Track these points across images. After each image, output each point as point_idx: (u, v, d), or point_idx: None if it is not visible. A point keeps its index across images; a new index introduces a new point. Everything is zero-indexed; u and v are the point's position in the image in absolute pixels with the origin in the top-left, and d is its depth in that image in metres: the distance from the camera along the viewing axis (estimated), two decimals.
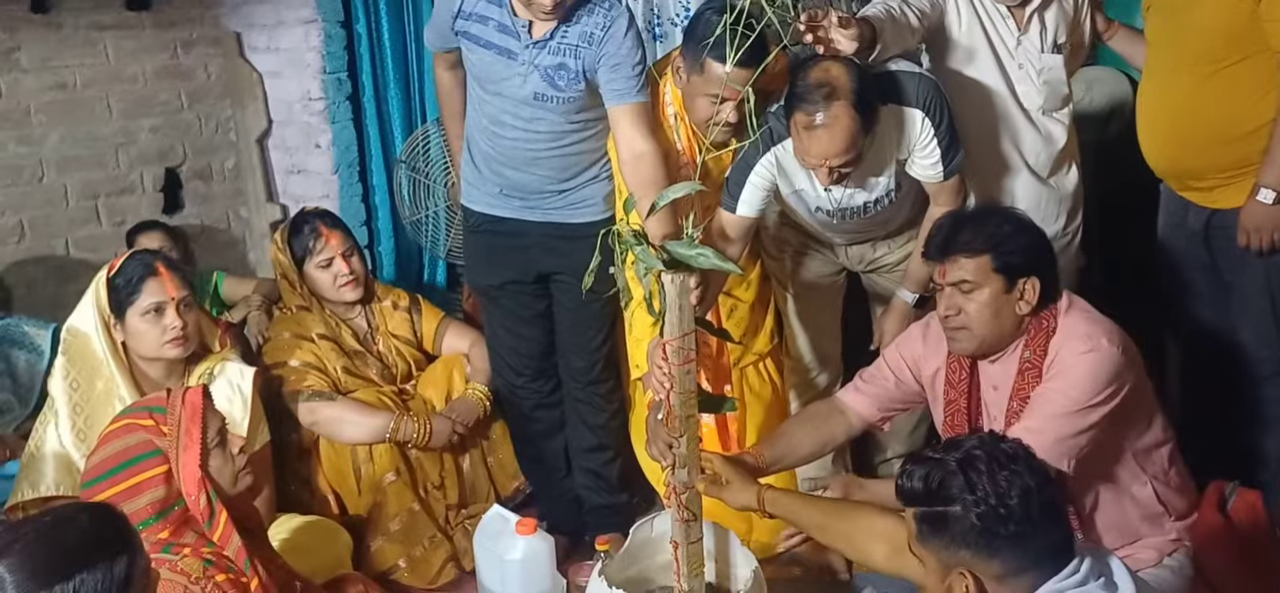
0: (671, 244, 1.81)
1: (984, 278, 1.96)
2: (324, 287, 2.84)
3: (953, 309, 2.00)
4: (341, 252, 2.83)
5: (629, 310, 2.54)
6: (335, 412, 2.71)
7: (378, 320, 2.93)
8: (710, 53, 2.29)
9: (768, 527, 2.80)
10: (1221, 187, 2.49)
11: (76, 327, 2.45)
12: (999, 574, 1.45)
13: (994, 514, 1.43)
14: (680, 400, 1.90)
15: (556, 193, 2.66)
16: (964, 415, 2.10)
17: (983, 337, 2.00)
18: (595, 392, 2.84)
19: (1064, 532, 1.49)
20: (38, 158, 3.58)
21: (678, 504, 2.04)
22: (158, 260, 2.48)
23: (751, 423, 2.74)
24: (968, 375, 2.09)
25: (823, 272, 2.68)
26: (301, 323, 2.83)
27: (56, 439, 2.41)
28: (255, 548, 2.02)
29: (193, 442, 1.92)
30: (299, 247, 2.83)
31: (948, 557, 1.48)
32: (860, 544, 1.87)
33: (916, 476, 1.50)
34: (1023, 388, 1.99)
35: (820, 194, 2.39)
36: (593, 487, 2.91)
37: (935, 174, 2.34)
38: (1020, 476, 1.44)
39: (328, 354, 2.80)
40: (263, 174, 3.93)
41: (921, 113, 2.29)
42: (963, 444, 1.50)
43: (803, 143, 2.21)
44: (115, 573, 1.39)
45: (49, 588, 1.34)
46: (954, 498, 1.45)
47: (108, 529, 1.45)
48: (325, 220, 2.86)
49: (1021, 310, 1.98)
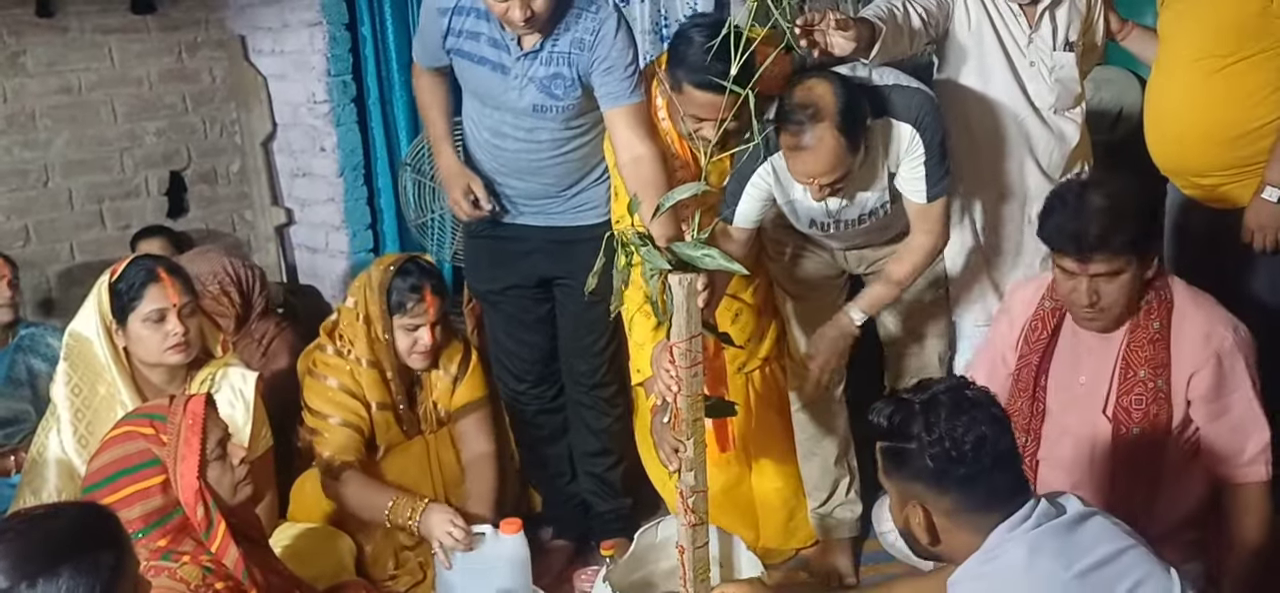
0: (678, 245, 1.79)
1: (1127, 265, 2.02)
2: (399, 343, 2.65)
3: (1093, 296, 2.04)
4: (431, 322, 2.63)
5: (627, 315, 2.52)
6: (345, 489, 2.60)
7: (427, 384, 2.77)
8: (688, 78, 2.27)
9: (775, 532, 2.79)
10: (1227, 184, 2.47)
11: (79, 331, 2.44)
12: (949, 510, 1.56)
13: (946, 456, 1.52)
14: (687, 403, 1.88)
15: (560, 197, 2.65)
16: (1032, 371, 2.18)
17: (1121, 316, 2.07)
18: (598, 396, 2.82)
19: (1016, 479, 1.57)
20: (43, 162, 3.59)
21: (685, 508, 2.02)
22: (160, 266, 2.46)
23: (757, 427, 2.72)
24: (1050, 334, 2.16)
25: (823, 273, 2.66)
26: (349, 364, 2.64)
27: (58, 445, 2.40)
28: (256, 555, 2.00)
29: (191, 452, 1.90)
30: (396, 298, 2.61)
31: (905, 489, 1.60)
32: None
33: (884, 413, 1.60)
34: (1137, 350, 2.06)
35: (814, 206, 2.37)
36: (597, 492, 2.89)
37: (918, 194, 2.31)
38: (978, 422, 1.53)
39: (370, 386, 2.64)
40: (268, 177, 3.93)
41: (912, 128, 2.27)
42: (931, 387, 1.59)
43: (789, 162, 2.21)
44: (102, 569, 1.38)
45: (33, 582, 1.33)
46: (913, 437, 1.55)
47: (96, 526, 1.44)
48: (432, 284, 2.64)
49: (1148, 277, 2.07)
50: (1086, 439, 2.13)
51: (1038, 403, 2.19)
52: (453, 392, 2.76)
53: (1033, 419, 2.20)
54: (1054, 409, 2.19)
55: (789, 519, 2.79)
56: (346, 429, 2.62)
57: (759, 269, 2.68)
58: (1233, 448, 2.06)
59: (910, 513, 1.59)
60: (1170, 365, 2.05)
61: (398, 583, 2.59)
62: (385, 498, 2.56)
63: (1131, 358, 2.07)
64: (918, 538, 1.61)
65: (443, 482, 2.72)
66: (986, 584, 1.51)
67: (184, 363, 2.45)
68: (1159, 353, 2.05)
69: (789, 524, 2.80)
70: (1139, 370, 2.06)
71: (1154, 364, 2.05)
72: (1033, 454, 2.21)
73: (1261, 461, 2.06)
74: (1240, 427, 2.06)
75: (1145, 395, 2.06)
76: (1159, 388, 2.05)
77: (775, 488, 2.77)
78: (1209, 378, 2.04)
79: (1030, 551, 1.50)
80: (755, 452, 2.75)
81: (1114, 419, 2.09)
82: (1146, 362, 2.06)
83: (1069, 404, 2.16)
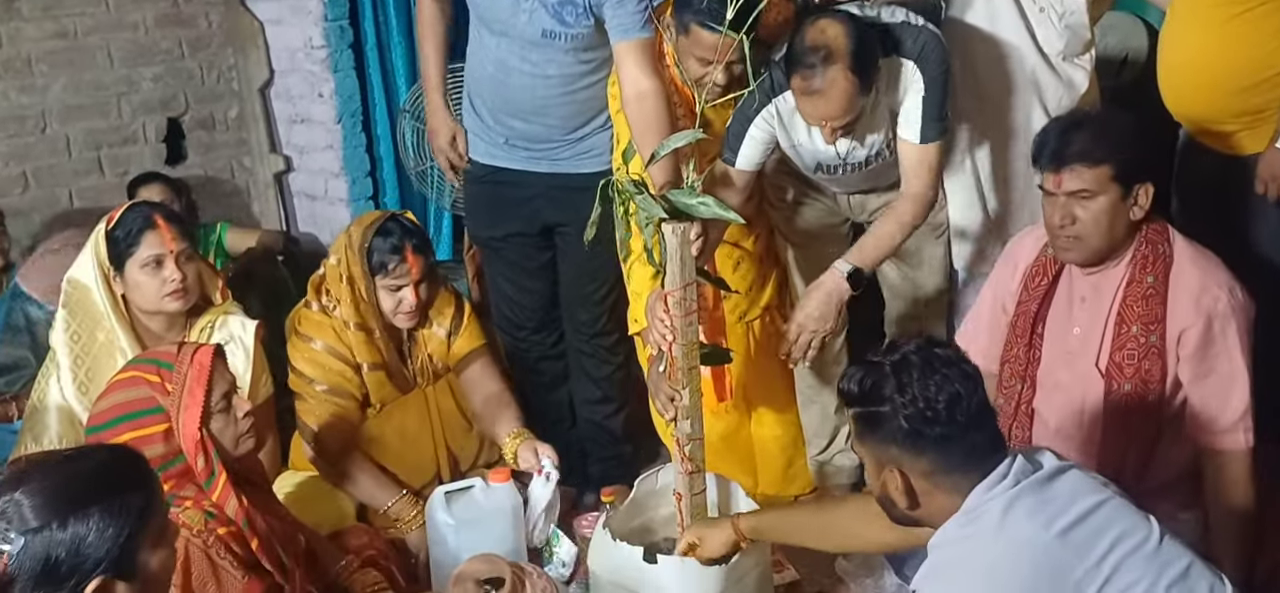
0: (673, 193, 1.78)
1: (1102, 187, 1.97)
2: (383, 303, 2.57)
3: (1067, 218, 2.00)
4: (416, 280, 2.55)
5: (626, 264, 2.50)
6: (346, 477, 2.56)
7: (420, 339, 2.70)
8: (695, 19, 2.23)
9: (773, 479, 2.80)
10: (1239, 132, 2.44)
11: (77, 279, 2.44)
12: (927, 472, 1.53)
13: (921, 416, 1.50)
14: (683, 352, 1.88)
15: (564, 142, 2.62)
16: (1029, 318, 2.15)
17: (1096, 247, 2.02)
18: (600, 344, 2.82)
19: (992, 436, 1.55)
20: (40, 108, 3.56)
21: (681, 456, 2.03)
22: (156, 212, 2.46)
23: (757, 375, 2.72)
24: (1049, 281, 2.13)
25: (825, 220, 2.64)
26: (335, 323, 2.57)
27: (58, 392, 2.41)
28: (258, 501, 2.01)
29: (195, 402, 1.91)
30: (377, 259, 2.53)
31: (880, 454, 1.56)
32: (857, 531, 1.90)
33: (855, 378, 1.57)
34: (1131, 305, 2.02)
35: (820, 148, 2.34)
36: (597, 439, 2.90)
37: (913, 133, 2.26)
38: (951, 381, 1.51)
39: (359, 348, 2.57)
40: (265, 124, 3.90)
41: (914, 64, 2.23)
42: (900, 348, 1.56)
43: (801, 105, 2.18)
44: (131, 511, 1.38)
45: (64, 523, 1.33)
46: (885, 399, 1.52)
47: (126, 468, 1.44)
48: (414, 242, 2.54)
49: (1135, 216, 2.00)
50: (1079, 392, 2.12)
51: (1034, 350, 2.18)
52: (448, 346, 2.70)
53: (1029, 366, 2.19)
54: (1048, 359, 2.18)
55: (788, 467, 2.81)
56: (333, 399, 2.55)
57: (761, 217, 2.67)
58: (1213, 412, 2.02)
59: (887, 479, 1.56)
60: (1164, 322, 2.01)
61: (397, 530, 2.60)
62: (387, 495, 2.55)
63: (1125, 313, 2.03)
64: (896, 503, 1.58)
65: (443, 433, 2.70)
66: (968, 548, 1.50)
67: (182, 309, 2.44)
68: (1153, 309, 2.01)
69: (788, 472, 2.81)
70: (1131, 326, 2.03)
71: (1147, 320, 2.01)
72: (1028, 402, 2.20)
73: (1240, 428, 2.01)
74: (1222, 391, 2.01)
75: (1138, 352, 2.02)
76: (1151, 344, 2.01)
77: (774, 436, 2.78)
78: (1197, 338, 1.99)
79: (1010, 512, 1.48)
80: (755, 400, 2.76)
81: (1106, 375, 2.07)
82: (1140, 318, 2.02)
83: (1063, 355, 2.15)
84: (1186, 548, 1.54)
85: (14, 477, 1.38)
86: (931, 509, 1.56)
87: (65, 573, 1.33)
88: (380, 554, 2.33)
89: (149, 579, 1.42)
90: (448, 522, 2.38)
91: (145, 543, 1.40)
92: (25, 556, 1.32)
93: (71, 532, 1.34)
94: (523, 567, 2.23)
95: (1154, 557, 1.48)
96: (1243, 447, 2.02)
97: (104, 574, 1.35)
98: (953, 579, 1.50)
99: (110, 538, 1.35)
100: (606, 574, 2.10)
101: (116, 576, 1.37)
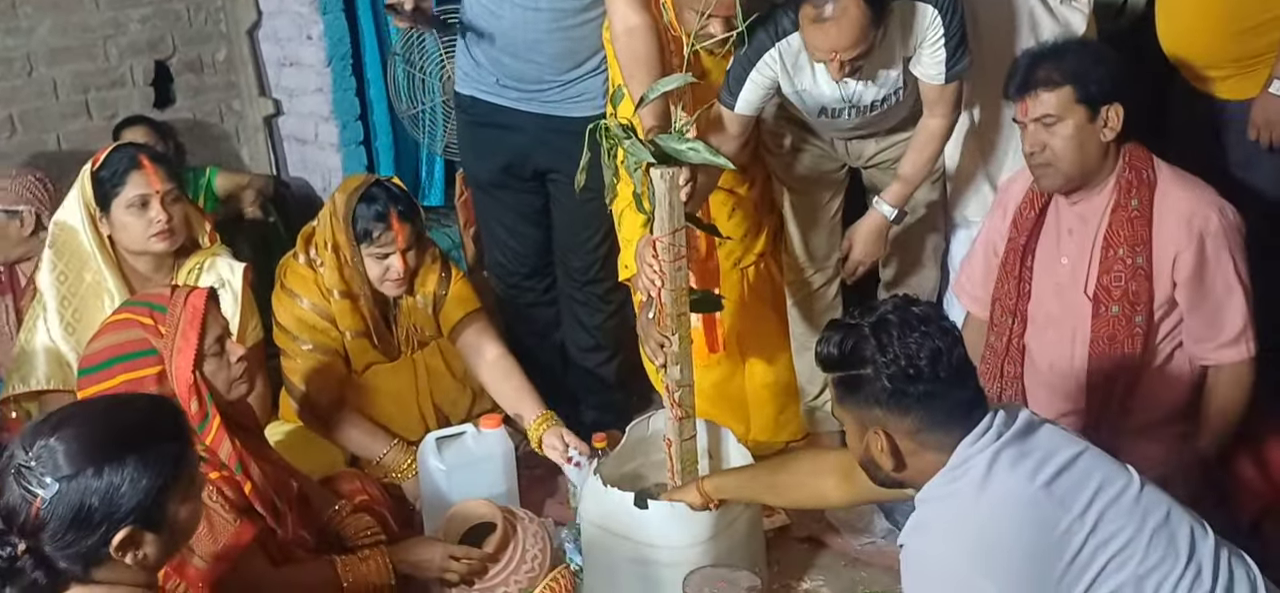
0: (661, 137, 1.76)
1: (1067, 110, 2.00)
2: (370, 271, 2.52)
3: (1037, 146, 2.03)
4: (403, 247, 2.49)
5: (616, 210, 2.49)
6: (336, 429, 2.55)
7: (405, 308, 2.64)
8: None
9: (765, 425, 2.81)
10: (1234, 77, 2.44)
11: (63, 221, 2.43)
12: (911, 431, 1.52)
13: (903, 375, 1.48)
14: (672, 298, 1.87)
15: (557, 83, 2.59)
16: (1018, 252, 2.18)
17: (1069, 172, 2.05)
18: (592, 292, 2.81)
19: (975, 391, 1.54)
20: (26, 51, 3.53)
21: (671, 402, 2.03)
22: (142, 153, 2.44)
23: (751, 322, 2.72)
24: (1036, 215, 2.15)
25: (822, 166, 2.62)
26: (321, 281, 2.53)
27: (46, 334, 2.41)
28: (250, 446, 2.02)
29: (188, 345, 1.90)
30: (362, 227, 2.47)
31: (864, 416, 1.54)
32: (812, 487, 1.93)
33: (832, 342, 1.55)
34: (1116, 229, 2.04)
35: (826, 93, 2.31)
36: (590, 386, 2.91)
37: (937, 74, 2.26)
38: (930, 337, 1.49)
39: (342, 315, 2.53)
40: (254, 67, 3.86)
41: (933, 7, 2.21)
42: (877, 309, 1.55)
43: (811, 37, 2.14)
44: (166, 461, 1.38)
45: (99, 470, 1.34)
46: (867, 361, 1.50)
47: (162, 418, 1.44)
48: (399, 209, 2.48)
49: (1106, 138, 2.03)
50: (1069, 324, 2.14)
51: (1023, 284, 2.20)
52: (435, 315, 2.65)
53: (1019, 301, 2.20)
54: (1038, 293, 2.19)
55: (779, 413, 2.81)
56: (317, 355, 2.52)
57: (757, 164, 2.64)
58: (1213, 329, 2.05)
59: (871, 441, 1.54)
60: (1151, 243, 2.04)
61: (392, 478, 2.61)
62: (379, 445, 2.54)
63: (1111, 237, 2.06)
64: (881, 466, 1.57)
65: (431, 397, 2.67)
66: (955, 504, 1.50)
67: (169, 250, 2.43)
68: (1138, 231, 2.03)
69: (779, 418, 2.81)
70: (1118, 249, 2.05)
71: (1133, 243, 2.04)
72: (1019, 337, 2.21)
73: (1242, 341, 2.05)
74: (1220, 309, 2.04)
75: (1124, 273, 2.05)
76: (1138, 265, 2.04)
77: (767, 383, 2.78)
78: (1192, 260, 2.01)
79: (995, 465, 1.48)
80: (748, 347, 2.75)
81: (1094, 299, 2.09)
82: (1126, 240, 2.04)
83: (1052, 288, 2.17)
84: (1165, 495, 1.55)
85: (52, 423, 1.38)
86: (917, 469, 1.55)
87: (97, 521, 1.34)
88: (372, 500, 2.34)
89: (176, 530, 1.43)
90: (439, 467, 2.38)
91: (176, 495, 1.40)
92: (58, 501, 1.33)
93: (106, 480, 1.34)
94: (514, 512, 2.24)
95: (1135, 505, 1.49)
96: (1243, 358, 2.06)
97: (134, 524, 1.36)
98: (941, 533, 1.50)
99: (144, 489, 1.36)
100: (597, 521, 2.11)
101: (145, 527, 1.37)
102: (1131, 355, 2.08)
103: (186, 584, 1.82)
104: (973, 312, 2.38)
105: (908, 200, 2.46)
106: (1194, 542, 1.50)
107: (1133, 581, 1.45)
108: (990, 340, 2.28)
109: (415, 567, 2.12)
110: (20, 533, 1.33)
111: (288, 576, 2.01)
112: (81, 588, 1.36)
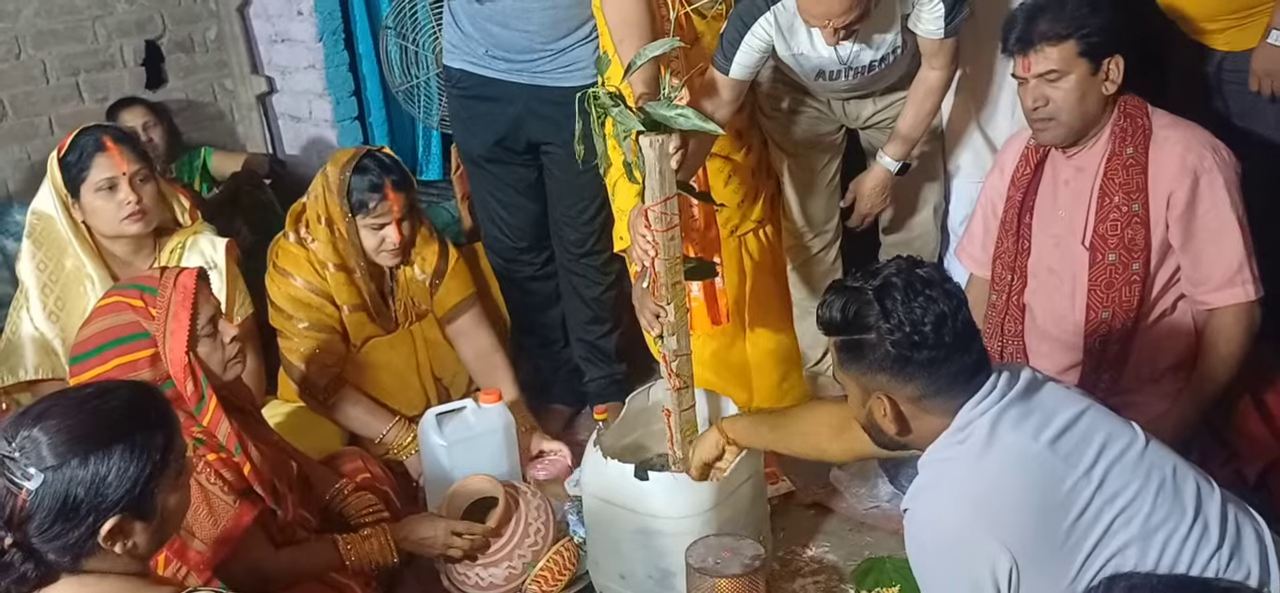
0: (650, 104, 1.72)
1: (1070, 64, 1.98)
2: (366, 242, 2.50)
3: (1040, 100, 2.01)
4: (398, 217, 2.47)
5: (610, 182, 2.46)
6: (337, 410, 2.54)
7: (402, 281, 2.60)
8: None
9: (767, 393, 2.80)
10: (1233, 28, 2.41)
11: (40, 209, 2.41)
12: (914, 397, 1.50)
13: (908, 341, 1.46)
14: (665, 267, 1.85)
15: (546, 52, 2.56)
16: (1016, 208, 2.17)
17: (1071, 125, 2.03)
18: (590, 264, 2.79)
19: (979, 354, 1.52)
20: (12, 33, 3.49)
21: (668, 372, 2.02)
22: (106, 135, 2.39)
23: (751, 290, 2.70)
24: (1032, 171, 2.14)
25: (820, 129, 2.59)
26: (314, 257, 2.51)
27: (30, 323, 2.39)
28: (248, 426, 2.01)
29: (181, 327, 1.89)
30: (356, 198, 2.45)
31: (866, 381, 1.52)
32: (812, 439, 1.92)
33: (835, 306, 1.52)
34: (1112, 176, 2.02)
35: (823, 56, 2.28)
36: (590, 358, 2.89)
37: (936, 29, 2.23)
38: (935, 302, 1.46)
39: (338, 289, 2.51)
40: (246, 44, 3.82)
41: None
42: (881, 272, 1.51)
43: (804, 2, 2.10)
44: (153, 449, 1.36)
45: (85, 459, 1.32)
46: (870, 326, 1.48)
47: (148, 407, 1.42)
48: (393, 178, 2.46)
49: (1108, 91, 2.01)
50: (1068, 277, 2.12)
51: (1022, 240, 2.18)
52: (432, 293, 2.63)
53: (1018, 257, 2.19)
54: (1038, 248, 2.18)
55: (782, 380, 2.79)
56: (315, 334, 2.50)
57: (753, 130, 2.61)
58: (1208, 267, 2.02)
59: (874, 405, 1.52)
60: (1147, 189, 2.02)
61: (395, 455, 2.60)
62: (381, 423, 2.54)
63: (1107, 185, 2.04)
64: (884, 431, 1.55)
65: (430, 369, 2.66)
66: (960, 466, 1.48)
67: (144, 232, 2.40)
68: (1134, 178, 2.01)
69: (782, 385, 2.79)
70: (1114, 197, 2.03)
71: (1129, 190, 2.02)
72: (1019, 294, 2.20)
73: (1239, 281, 2.01)
74: (1213, 247, 2.01)
75: (1121, 221, 2.03)
76: (1134, 213, 2.02)
77: (769, 350, 2.76)
78: (1184, 197, 1.99)
79: (998, 425, 1.47)
80: (749, 315, 2.73)
81: (1091, 248, 2.07)
82: (1121, 187, 2.02)
83: (1050, 241, 2.15)
84: (1170, 451, 1.53)
85: (35, 413, 1.36)
86: (921, 433, 1.53)
87: (85, 512, 1.32)
88: (375, 479, 2.34)
89: (165, 518, 1.41)
90: (440, 443, 2.38)
91: (165, 483, 1.39)
92: (44, 492, 1.31)
93: (92, 470, 1.32)
94: (517, 486, 2.23)
95: (1140, 462, 1.48)
96: (1242, 300, 2.02)
97: (122, 513, 1.34)
98: (946, 495, 1.48)
99: (131, 478, 1.34)
100: (598, 493, 2.10)
101: (134, 516, 1.36)
102: (1129, 304, 2.06)
103: (189, 569, 1.81)
104: (975, 273, 2.36)
105: (909, 155, 2.45)
106: (1200, 498, 1.49)
107: (1139, 538, 1.44)
108: (991, 298, 2.27)
109: (418, 544, 2.11)
110: (6, 526, 1.32)
111: (290, 557, 2.01)
112: (71, 579, 1.35)
